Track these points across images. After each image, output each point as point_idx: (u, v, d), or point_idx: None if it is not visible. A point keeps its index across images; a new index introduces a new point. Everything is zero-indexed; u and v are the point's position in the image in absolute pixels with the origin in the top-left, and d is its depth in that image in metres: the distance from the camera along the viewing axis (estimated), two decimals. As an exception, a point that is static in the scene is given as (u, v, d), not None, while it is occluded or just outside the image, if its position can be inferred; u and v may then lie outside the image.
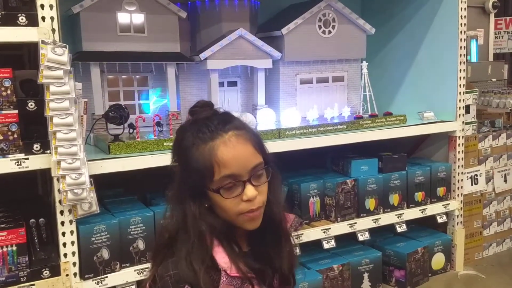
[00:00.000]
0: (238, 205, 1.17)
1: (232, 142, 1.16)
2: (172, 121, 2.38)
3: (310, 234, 2.53)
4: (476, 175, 3.19)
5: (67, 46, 1.89)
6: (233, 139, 1.17)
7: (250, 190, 1.16)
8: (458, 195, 3.07)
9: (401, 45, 3.36)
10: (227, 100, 2.96)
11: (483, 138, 3.26)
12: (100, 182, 2.03)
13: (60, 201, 1.92)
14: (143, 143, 2.17)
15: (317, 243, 2.59)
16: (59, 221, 1.94)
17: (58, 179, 1.89)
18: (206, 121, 1.20)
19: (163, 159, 2.13)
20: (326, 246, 2.58)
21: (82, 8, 2.39)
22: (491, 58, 5.03)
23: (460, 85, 2.99)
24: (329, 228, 2.59)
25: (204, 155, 1.15)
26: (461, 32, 2.95)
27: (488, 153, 3.29)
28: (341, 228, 2.63)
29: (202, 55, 2.62)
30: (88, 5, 2.40)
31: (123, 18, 2.49)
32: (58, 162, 1.85)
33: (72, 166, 1.85)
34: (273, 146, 2.39)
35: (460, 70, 2.98)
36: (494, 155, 3.32)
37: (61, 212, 1.94)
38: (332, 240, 2.59)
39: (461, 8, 2.93)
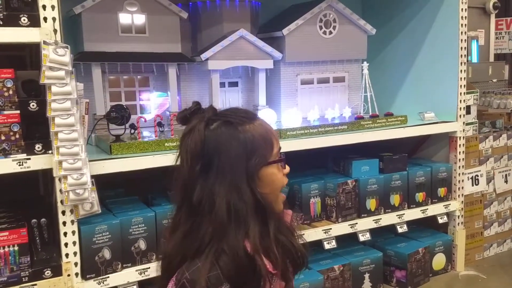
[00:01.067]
0: (283, 179, 1.25)
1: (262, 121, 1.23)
2: (173, 122, 2.38)
3: (311, 234, 2.53)
4: (477, 175, 3.20)
5: (68, 46, 1.90)
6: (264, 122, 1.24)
7: (286, 166, 1.27)
8: (459, 195, 3.08)
9: (401, 46, 3.37)
10: (228, 101, 2.96)
11: (483, 138, 3.26)
12: (102, 182, 2.04)
13: (61, 201, 1.92)
14: (145, 144, 2.18)
15: (318, 244, 2.60)
16: (60, 221, 1.95)
17: (59, 179, 1.90)
18: (226, 112, 1.24)
19: (164, 159, 2.14)
20: (327, 246, 2.58)
21: (83, 8, 2.40)
22: (491, 59, 5.03)
23: (460, 85, 3.00)
24: (330, 229, 2.59)
25: (258, 131, 1.20)
26: (461, 32, 2.96)
27: (489, 154, 3.30)
28: (342, 228, 2.64)
29: (203, 56, 2.62)
30: (90, 6, 2.40)
31: (124, 18, 2.49)
32: (60, 162, 1.86)
33: (73, 166, 1.86)
34: (274, 147, 2.42)
35: (461, 70, 2.99)
36: (494, 155, 3.32)
37: (63, 212, 1.95)
38: (333, 241, 2.59)
39: (462, 9, 2.94)
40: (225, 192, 1.17)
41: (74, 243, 1.98)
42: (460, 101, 3.01)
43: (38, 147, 1.90)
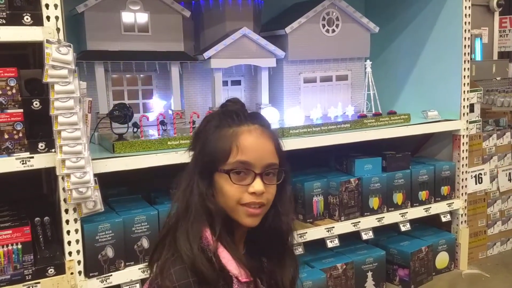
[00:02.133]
0: (242, 194, 1.18)
1: (257, 133, 1.19)
2: (176, 120, 2.38)
3: (313, 233, 2.53)
4: (480, 174, 3.19)
5: (71, 45, 1.90)
6: (259, 131, 1.20)
7: (258, 184, 1.17)
8: (462, 194, 3.07)
9: (405, 44, 3.36)
10: (230, 99, 2.96)
11: (487, 137, 3.25)
12: (105, 180, 2.04)
13: (64, 200, 1.93)
14: (147, 142, 2.18)
15: (321, 242, 2.59)
16: (63, 220, 1.95)
17: (62, 178, 1.90)
18: (237, 111, 1.23)
19: (167, 158, 2.15)
20: (329, 245, 2.58)
21: (86, 7, 2.41)
22: (495, 57, 5.01)
23: (464, 83, 2.99)
24: (333, 227, 2.59)
25: (226, 136, 1.19)
26: (465, 30, 2.94)
27: (493, 152, 3.29)
28: (344, 227, 2.63)
29: (206, 54, 2.62)
30: (92, 5, 2.41)
31: (127, 17, 2.50)
32: (63, 160, 1.86)
33: (76, 164, 1.86)
34: (277, 145, 2.42)
35: (465, 68, 2.98)
36: (498, 154, 3.31)
37: (66, 211, 1.95)
38: (336, 239, 2.59)
39: (466, 7, 2.92)
40: (185, 183, 1.21)
41: (77, 241, 1.98)
42: (464, 99, 2.99)
43: (41, 146, 1.91)
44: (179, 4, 2.62)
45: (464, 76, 2.98)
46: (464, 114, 3.00)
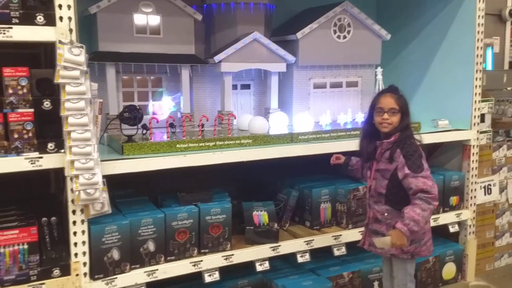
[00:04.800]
0: (379, 120, 2.15)
1: (386, 95, 2.17)
2: (185, 123, 2.37)
3: (320, 240, 2.51)
4: (490, 185, 3.15)
5: (84, 46, 1.90)
6: (388, 94, 2.17)
7: (385, 115, 2.14)
8: (471, 204, 3.04)
9: (416, 52, 3.34)
10: (240, 103, 2.95)
11: (497, 147, 3.22)
12: (112, 181, 2.03)
13: (72, 201, 1.92)
14: (156, 145, 2.18)
15: (327, 250, 2.57)
16: (70, 221, 1.95)
17: (71, 179, 1.90)
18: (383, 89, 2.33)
19: (176, 161, 2.14)
20: (336, 253, 2.56)
21: (99, 8, 2.41)
22: (506, 67, 4.95)
23: (476, 93, 2.96)
24: (340, 235, 2.57)
25: (375, 99, 2.22)
26: (478, 40, 2.92)
27: (502, 163, 3.25)
28: (352, 235, 2.61)
29: (217, 58, 2.61)
30: (105, 6, 2.41)
31: (139, 19, 2.50)
32: (72, 161, 1.86)
33: (85, 166, 1.86)
34: (286, 151, 2.41)
35: (476, 78, 2.95)
36: (508, 165, 3.28)
37: (73, 212, 1.95)
38: (343, 247, 2.57)
39: (479, 16, 2.90)
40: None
41: (83, 242, 1.98)
42: (475, 109, 2.97)
43: (51, 146, 1.91)
44: (191, 7, 2.61)
45: (476, 86, 2.96)
46: (475, 124, 2.98)
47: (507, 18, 4.89)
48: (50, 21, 1.88)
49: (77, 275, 1.98)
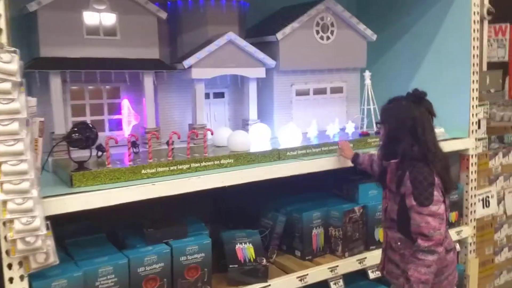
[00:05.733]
0: None
1: None
2: (151, 142, 1.95)
3: (315, 274, 2.15)
4: (488, 196, 2.90)
5: (17, 51, 1.47)
6: None
7: None
8: (471, 220, 2.76)
9: (404, 53, 3.05)
10: (213, 114, 2.57)
11: (493, 155, 2.97)
12: (61, 214, 1.59)
13: (7, 252, 1.48)
14: (116, 172, 1.75)
15: (324, 285, 2.22)
16: (6, 278, 1.50)
17: (4, 224, 1.45)
18: None
19: (142, 191, 1.73)
20: (333, 287, 2.20)
21: (40, 5, 1.99)
22: (485, 67, 4.80)
23: (473, 97, 2.70)
24: (337, 266, 2.22)
25: None
26: (474, 38, 2.66)
27: (499, 172, 3.01)
28: (349, 265, 2.27)
29: (186, 63, 2.23)
30: (48, 2, 1.99)
31: (90, 18, 2.09)
32: (4, 202, 1.41)
33: (22, 207, 1.42)
34: (273, 171, 2.04)
35: (473, 81, 2.69)
36: (504, 174, 3.04)
37: (9, 266, 1.50)
38: (341, 280, 2.23)
39: (474, 12, 2.64)
40: None
41: (24, 304, 1.53)
42: (472, 114, 2.70)
43: (-25, 182, 1.45)
44: (154, 4, 2.21)
45: (473, 89, 2.69)
46: (473, 131, 2.71)
47: (485, 16, 4.74)
48: (-30, 18, 1.44)
49: None
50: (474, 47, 2.66)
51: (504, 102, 3.62)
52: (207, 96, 2.49)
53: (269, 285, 2.03)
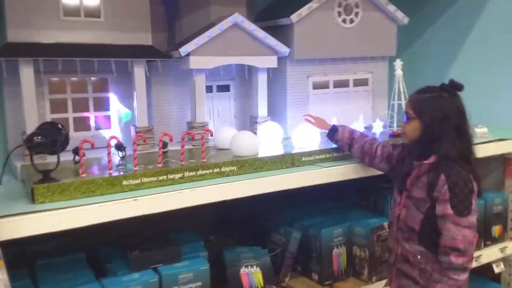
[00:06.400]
0: None
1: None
2: (135, 145, 1.61)
3: (336, 305, 1.80)
4: (533, 206, 2.50)
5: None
6: (412, 95, 1.68)
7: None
8: (516, 234, 2.38)
9: (440, 38, 2.69)
10: (216, 111, 2.22)
11: (538, 158, 2.56)
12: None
13: None
14: (89, 184, 1.41)
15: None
16: None
17: None
18: None
19: (120, 209, 1.38)
20: (358, 320, 1.85)
21: (6, -20, 1.66)
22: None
23: (524, 92, 2.30)
24: (362, 294, 1.86)
25: None
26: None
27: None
28: (377, 292, 1.91)
29: (184, 50, 1.91)
30: (16, -24, 1.66)
31: (68, -5, 1.77)
32: None
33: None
34: (286, 181, 1.67)
35: (527, 71, 2.30)
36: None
37: None
38: (367, 311, 1.87)
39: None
40: None
41: None
42: (523, 111, 2.31)
43: None
44: (145, -21, 1.88)
45: (525, 82, 2.30)
46: (521, 131, 2.32)
47: None
48: None
49: None
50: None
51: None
52: (209, 89, 2.18)
53: (280, 319, 1.68)
